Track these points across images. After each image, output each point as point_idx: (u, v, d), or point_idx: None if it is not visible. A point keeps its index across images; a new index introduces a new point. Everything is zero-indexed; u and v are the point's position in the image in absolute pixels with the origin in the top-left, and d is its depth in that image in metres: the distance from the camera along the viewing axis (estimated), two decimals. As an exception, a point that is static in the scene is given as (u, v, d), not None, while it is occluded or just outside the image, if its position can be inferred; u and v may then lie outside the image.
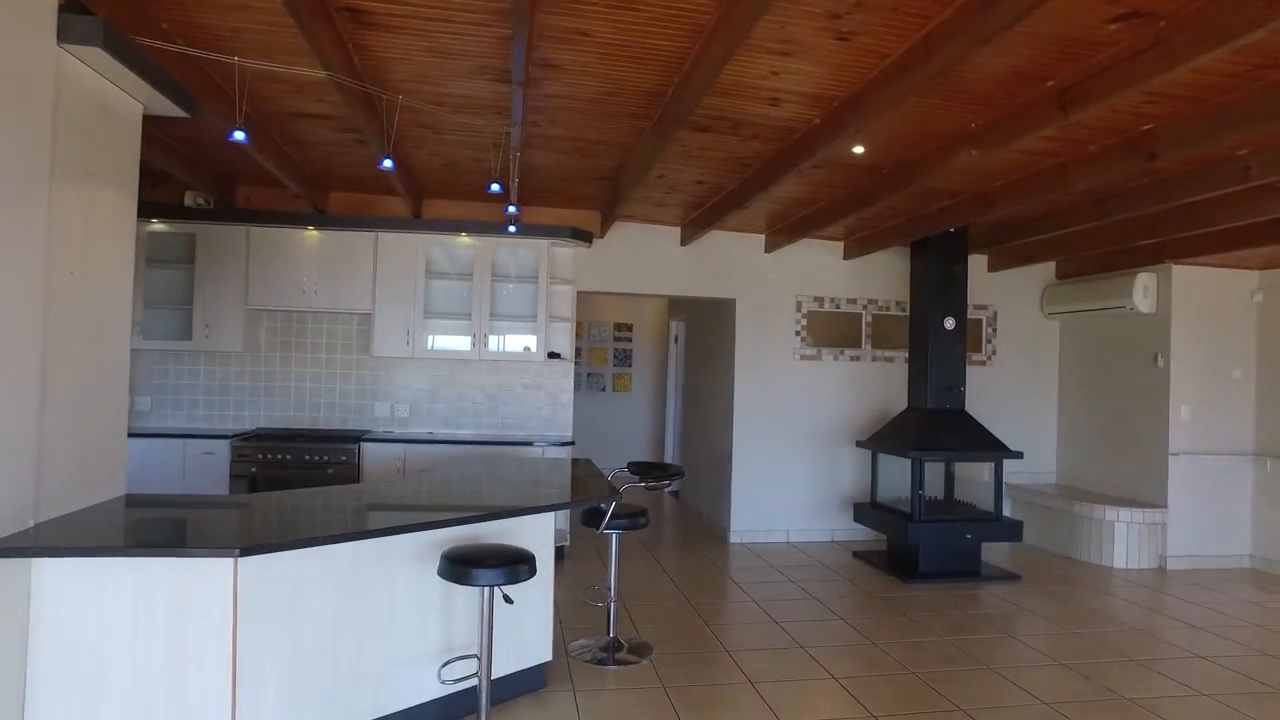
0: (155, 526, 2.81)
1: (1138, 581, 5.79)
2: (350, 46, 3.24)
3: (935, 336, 6.03)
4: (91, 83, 2.70)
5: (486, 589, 2.88)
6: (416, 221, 5.86)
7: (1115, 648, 4.32)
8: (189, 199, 5.50)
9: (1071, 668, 4.00)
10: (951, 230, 5.87)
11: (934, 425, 5.90)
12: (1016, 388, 7.27)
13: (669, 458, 9.34)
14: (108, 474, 3.05)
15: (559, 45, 3.15)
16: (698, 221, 6.22)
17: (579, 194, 5.82)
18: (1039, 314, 7.35)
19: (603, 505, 3.64)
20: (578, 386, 9.36)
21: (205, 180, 5.32)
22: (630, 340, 10.05)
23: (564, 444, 5.88)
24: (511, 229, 5.29)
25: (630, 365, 10.04)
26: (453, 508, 3.15)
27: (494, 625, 3.01)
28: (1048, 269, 7.34)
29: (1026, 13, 2.33)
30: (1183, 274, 6.23)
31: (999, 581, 5.67)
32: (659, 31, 3.01)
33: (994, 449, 5.83)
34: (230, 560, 2.47)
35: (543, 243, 5.98)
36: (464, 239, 5.89)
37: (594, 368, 9.86)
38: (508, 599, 2.96)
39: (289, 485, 5.20)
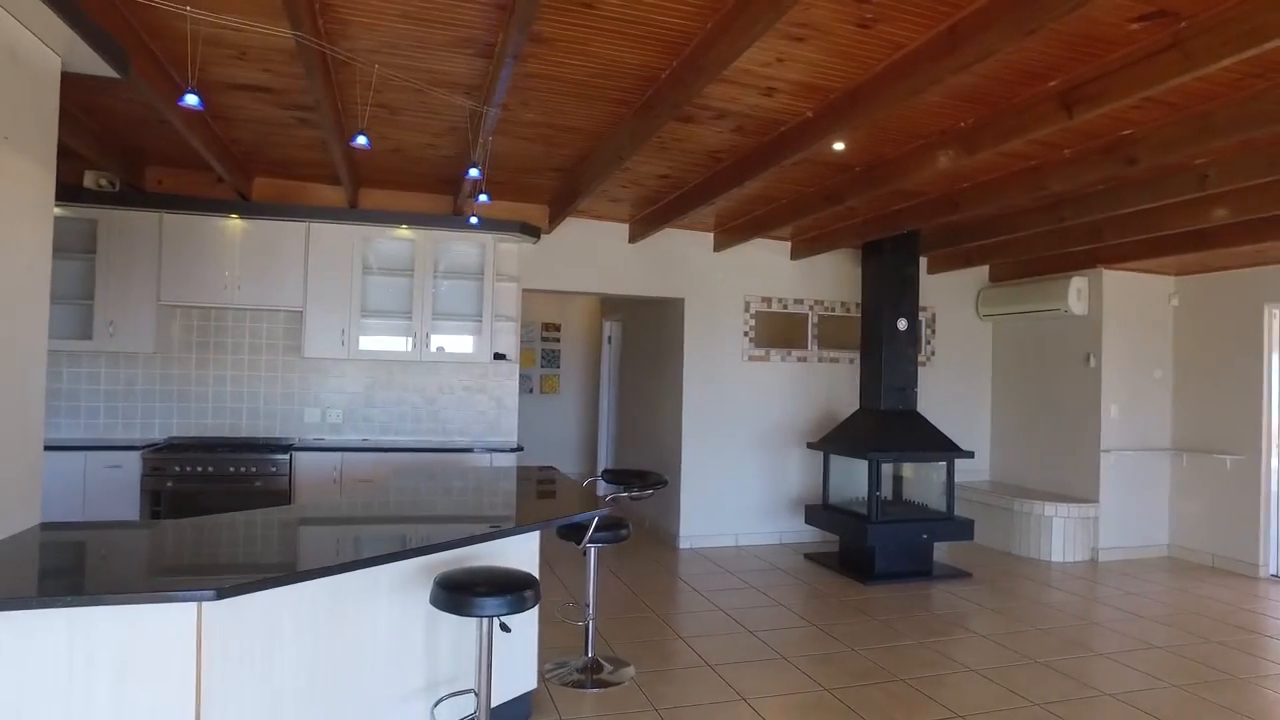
0: (97, 567, 2.36)
1: (1076, 574, 5.98)
2: (317, 6, 2.86)
3: (888, 338, 6.06)
4: None
5: (485, 619, 2.59)
6: (354, 212, 5.40)
7: (1083, 643, 4.39)
8: (90, 180, 4.85)
9: (1050, 666, 4.03)
10: (905, 231, 5.90)
11: (888, 426, 5.91)
12: (954, 388, 7.44)
13: (602, 461, 9.10)
14: (21, 500, 2.57)
15: (557, 17, 2.88)
16: (650, 219, 6.03)
17: (530, 186, 5.51)
18: (974, 315, 7.54)
19: (598, 517, 3.38)
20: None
21: (112, 159, 4.70)
22: (558, 341, 9.75)
23: (511, 450, 5.56)
24: (473, 220, 4.93)
25: (558, 366, 9.75)
26: (431, 520, 2.83)
27: (494, 657, 2.71)
28: (981, 272, 7.54)
29: (1083, 2, 2.24)
30: (1112, 278, 6.50)
31: (951, 580, 5.74)
32: (671, 7, 2.79)
33: (947, 449, 5.90)
34: (194, 605, 2.07)
35: (488, 238, 5.64)
36: (404, 232, 5.47)
37: (522, 369, 9.48)
38: (505, 628, 2.67)
39: (211, 501, 4.67)
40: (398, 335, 5.55)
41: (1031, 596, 5.36)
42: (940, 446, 5.91)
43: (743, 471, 6.74)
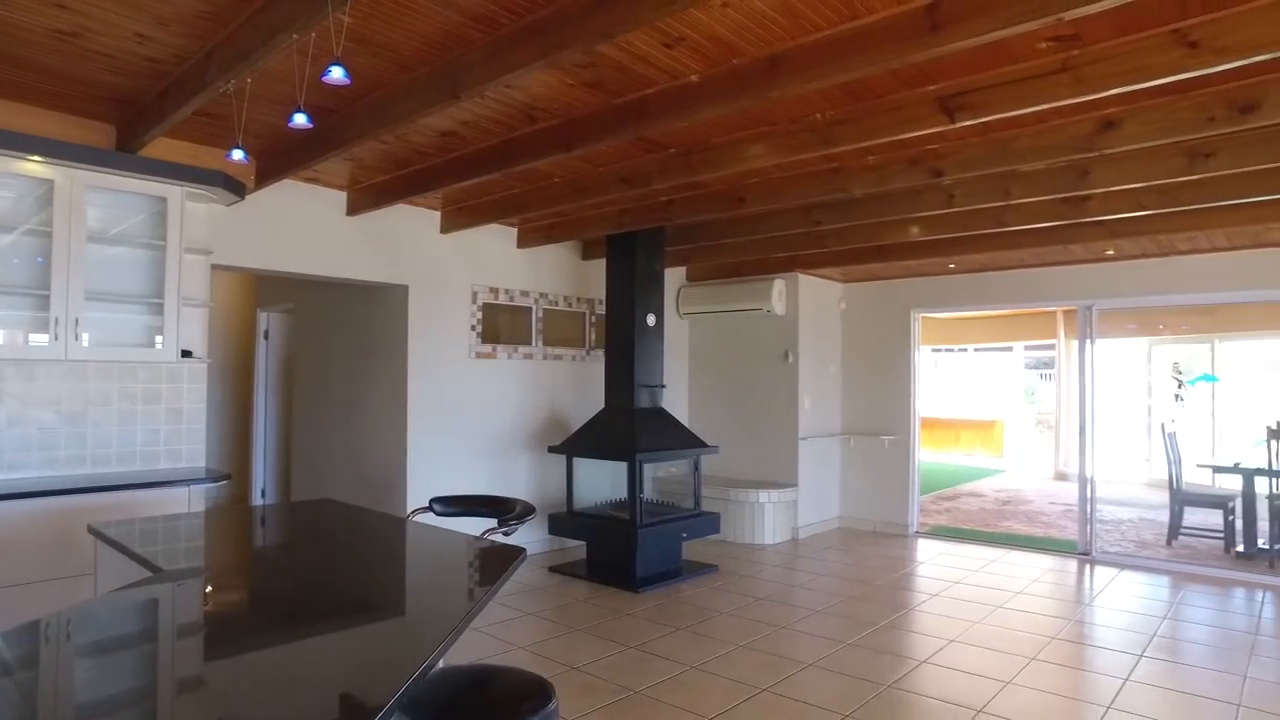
0: None
1: (795, 552, 6.53)
2: None
3: (639, 334, 5.88)
4: None
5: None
6: (-56, 126, 3.43)
7: (867, 619, 4.71)
8: None
9: (871, 648, 4.22)
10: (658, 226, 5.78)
11: (644, 425, 5.74)
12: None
13: (258, 476, 7.39)
14: None
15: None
16: (384, 188, 4.97)
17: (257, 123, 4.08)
18: (673, 313, 7.78)
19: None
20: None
21: None
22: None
23: (217, 480, 4.10)
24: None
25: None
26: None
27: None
28: (677, 271, 7.81)
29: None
30: (805, 282, 7.24)
31: (705, 575, 5.79)
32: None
33: (696, 445, 5.94)
34: None
35: (175, 190, 4.07)
36: (33, 166, 3.65)
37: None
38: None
39: None
40: (19, 325, 3.69)
41: (783, 580, 5.66)
42: (691, 443, 5.93)
43: (472, 478, 5.98)
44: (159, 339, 4.05)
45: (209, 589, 2.09)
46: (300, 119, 2.73)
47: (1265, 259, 5.78)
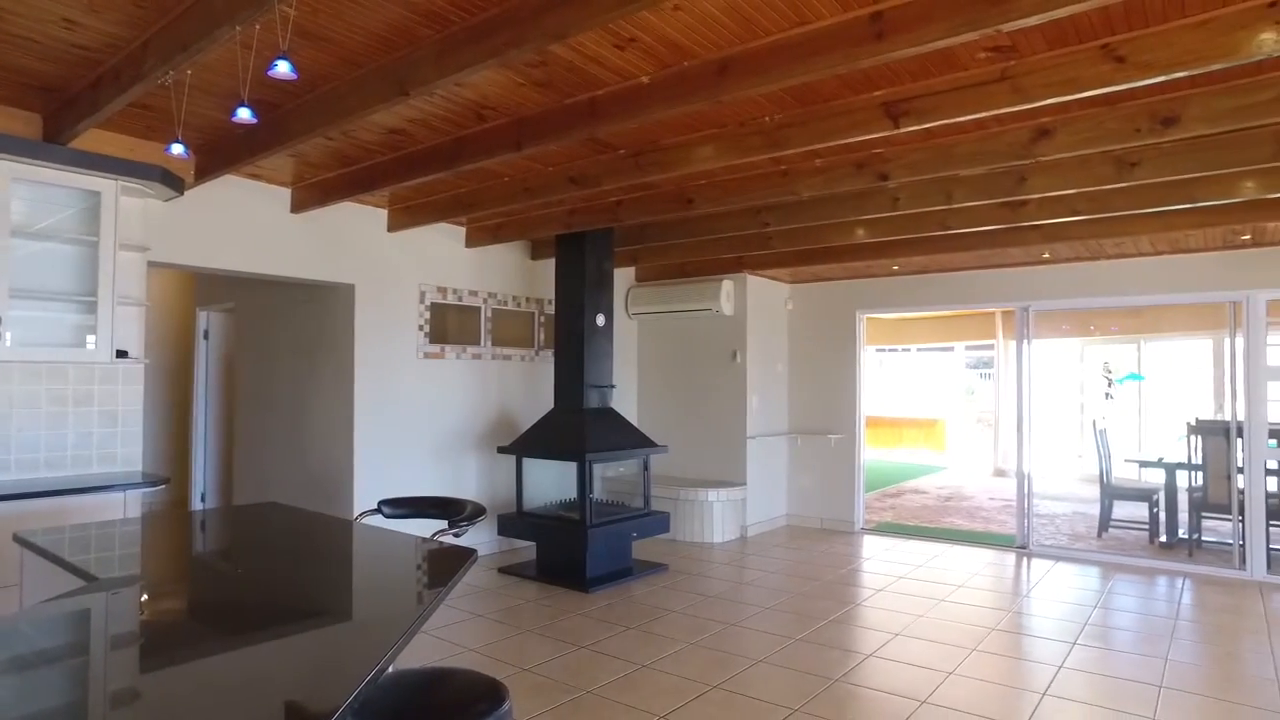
0: None
1: (744, 550, 6.60)
2: None
3: (589, 335, 5.88)
4: None
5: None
6: None
7: (814, 615, 4.79)
8: None
9: (819, 643, 4.29)
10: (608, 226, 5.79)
11: (594, 425, 5.74)
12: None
13: (198, 480, 7.17)
14: None
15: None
16: (331, 185, 4.88)
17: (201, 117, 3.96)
18: (622, 313, 7.80)
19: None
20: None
21: None
22: (119, 333, 7.39)
23: (154, 484, 3.97)
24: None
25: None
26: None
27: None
28: (627, 271, 7.83)
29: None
30: (754, 283, 7.32)
31: (655, 574, 5.82)
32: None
33: (646, 445, 5.96)
34: None
35: (109, 184, 3.93)
36: (-46, 158, 3.49)
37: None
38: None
39: None
40: (-63, 321, 3.52)
41: (734, 578, 5.72)
42: (641, 443, 5.95)
43: (419, 481, 5.90)
44: (91, 339, 3.90)
45: (146, 597, 2.03)
46: (244, 114, 2.67)
47: (1184, 264, 6.06)
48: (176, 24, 2.85)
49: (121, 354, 4.09)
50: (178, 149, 3.06)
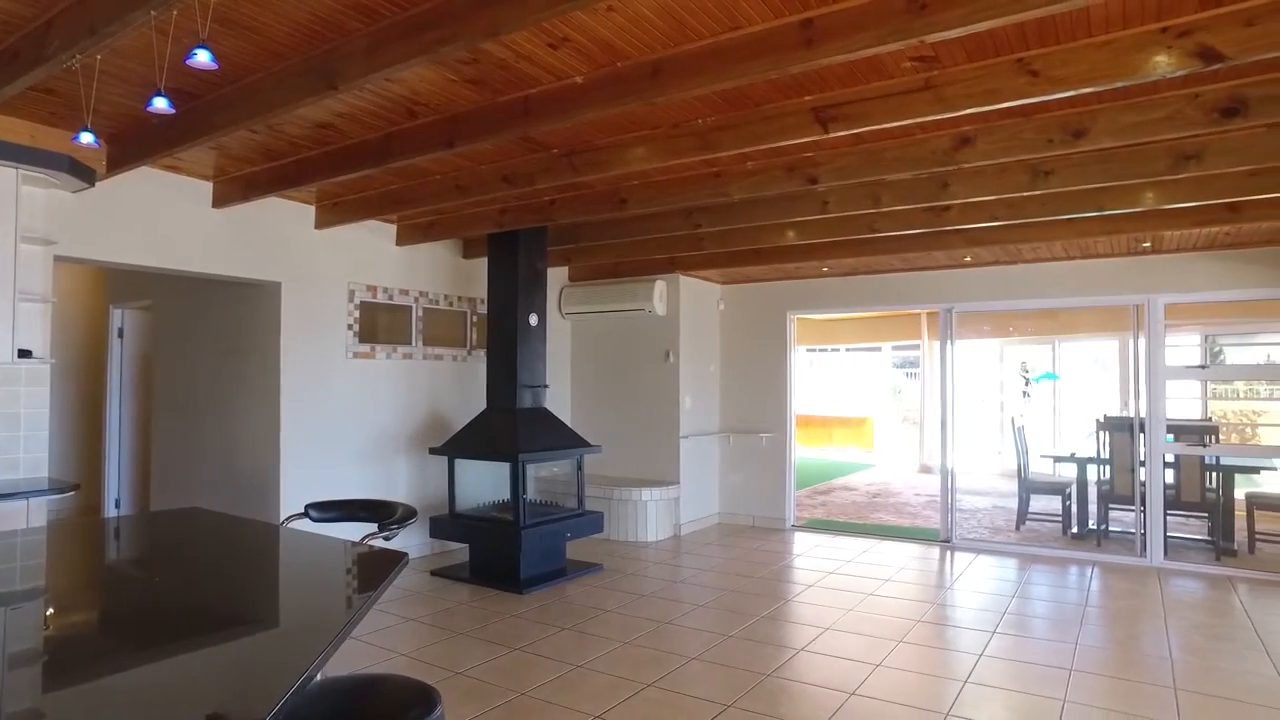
0: None
1: (678, 548, 6.65)
2: None
3: (522, 334, 5.84)
4: None
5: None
6: None
7: (747, 611, 4.87)
8: None
9: (751, 639, 4.36)
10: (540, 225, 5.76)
11: (527, 425, 5.70)
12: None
13: (111, 485, 6.84)
14: None
15: None
16: (256, 179, 4.72)
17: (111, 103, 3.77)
18: (556, 313, 7.76)
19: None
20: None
21: None
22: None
23: (62, 491, 3.77)
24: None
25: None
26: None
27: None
28: (560, 271, 7.80)
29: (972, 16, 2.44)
30: (687, 283, 7.39)
31: (589, 574, 5.81)
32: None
33: (580, 445, 5.95)
34: None
35: (8, 171, 3.72)
36: None
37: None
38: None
39: None
40: None
41: (670, 576, 5.76)
42: (574, 443, 5.94)
43: (347, 484, 5.75)
44: (-9, 338, 3.68)
45: (51, 611, 1.93)
46: (160, 103, 2.56)
47: (1094, 269, 6.38)
48: (83, 5, 2.71)
49: (24, 353, 3.87)
50: (86, 138, 2.92)
